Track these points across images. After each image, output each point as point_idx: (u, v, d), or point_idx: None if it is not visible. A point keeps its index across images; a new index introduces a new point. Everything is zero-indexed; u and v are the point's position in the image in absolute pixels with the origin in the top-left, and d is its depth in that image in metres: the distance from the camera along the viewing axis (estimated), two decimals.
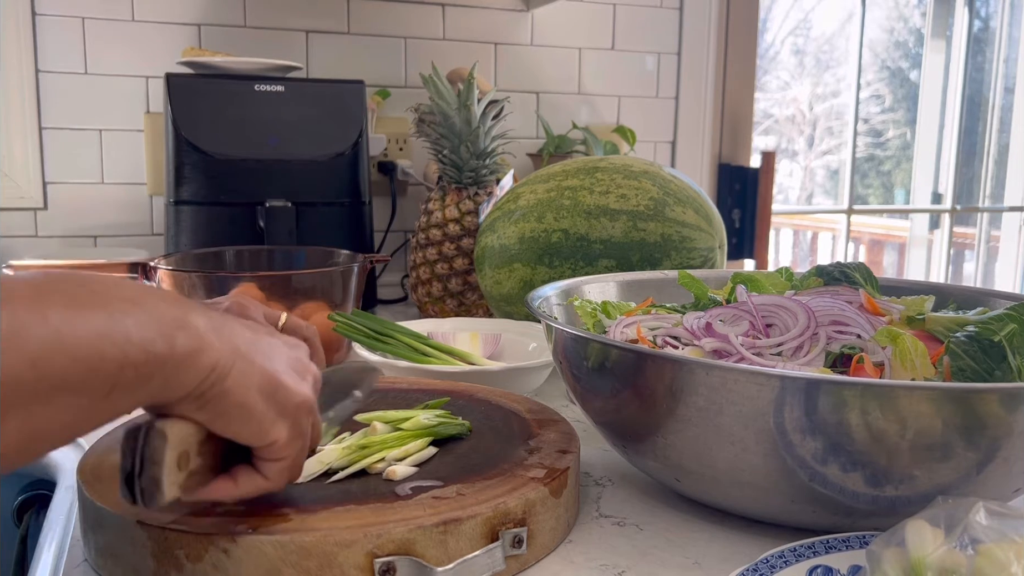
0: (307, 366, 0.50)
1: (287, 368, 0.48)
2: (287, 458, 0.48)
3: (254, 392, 0.44)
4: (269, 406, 0.45)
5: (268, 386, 0.45)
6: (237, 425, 0.45)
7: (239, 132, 1.28)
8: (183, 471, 0.44)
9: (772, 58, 3.61)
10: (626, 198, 1.02)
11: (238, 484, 0.48)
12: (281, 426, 0.46)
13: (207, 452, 0.46)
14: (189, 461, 0.45)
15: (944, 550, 0.44)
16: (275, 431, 0.46)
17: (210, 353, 0.41)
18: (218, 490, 0.48)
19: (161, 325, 0.39)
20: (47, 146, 1.44)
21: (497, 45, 1.68)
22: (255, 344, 0.46)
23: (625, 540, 0.59)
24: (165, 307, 0.40)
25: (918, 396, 0.49)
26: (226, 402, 0.43)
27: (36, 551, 0.61)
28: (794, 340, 0.63)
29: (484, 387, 0.78)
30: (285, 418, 0.46)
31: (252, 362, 0.44)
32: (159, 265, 0.96)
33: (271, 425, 0.46)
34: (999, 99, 2.58)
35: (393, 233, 1.59)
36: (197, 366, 0.41)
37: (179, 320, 0.40)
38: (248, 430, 0.45)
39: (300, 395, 0.47)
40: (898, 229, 3.26)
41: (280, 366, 0.47)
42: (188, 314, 0.41)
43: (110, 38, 1.45)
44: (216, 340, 0.42)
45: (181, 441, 0.44)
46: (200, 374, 0.41)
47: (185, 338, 0.40)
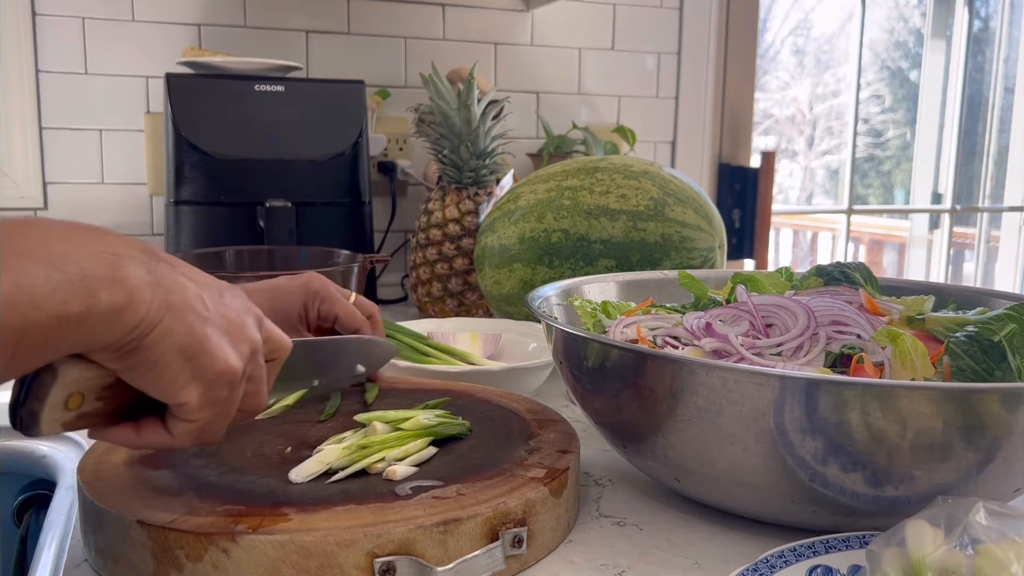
0: (247, 334, 0.47)
1: (220, 333, 0.45)
2: (196, 422, 0.46)
3: (173, 351, 0.43)
4: (185, 367, 0.44)
5: (191, 348, 0.43)
6: (148, 380, 0.43)
7: (239, 132, 1.28)
8: (71, 411, 0.44)
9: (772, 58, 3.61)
10: (626, 198, 1.02)
11: (140, 434, 0.47)
12: (193, 389, 0.45)
13: (111, 397, 0.45)
14: (83, 403, 0.44)
15: (944, 550, 0.44)
16: (185, 393, 0.44)
17: (137, 309, 0.40)
18: (118, 434, 0.47)
19: (84, 282, 0.38)
20: (47, 146, 1.44)
21: (497, 45, 1.68)
22: (193, 301, 0.44)
23: (625, 540, 0.59)
24: (94, 263, 0.39)
25: (918, 396, 0.49)
26: (141, 356, 0.42)
27: (36, 551, 0.61)
28: (794, 340, 0.63)
29: (484, 387, 0.78)
30: (199, 382, 0.45)
31: (181, 319, 0.43)
32: None
33: (183, 386, 0.44)
34: (999, 99, 2.58)
35: (393, 233, 1.59)
36: (119, 323, 0.40)
37: (108, 276, 0.39)
38: (158, 387, 0.44)
39: (223, 363, 0.45)
40: (898, 229, 3.26)
41: (212, 330, 0.45)
42: (122, 266, 0.40)
43: (110, 38, 1.45)
44: (148, 294, 0.41)
45: (74, 382, 0.43)
46: (121, 330, 0.40)
47: (109, 295, 0.39)
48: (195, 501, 0.52)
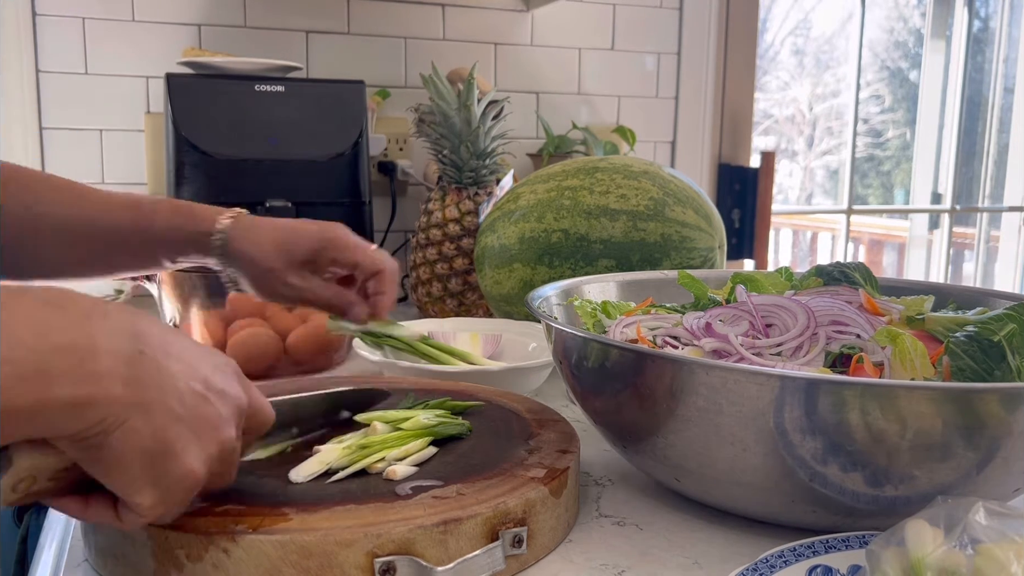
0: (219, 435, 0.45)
1: (190, 432, 0.43)
2: (145, 517, 0.44)
3: (135, 452, 0.40)
4: (145, 471, 0.41)
5: (154, 451, 0.41)
6: (103, 475, 0.41)
7: (239, 132, 1.28)
8: (18, 493, 0.42)
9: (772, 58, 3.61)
10: (626, 198, 1.02)
11: (88, 509, 0.44)
12: (149, 493, 0.42)
13: (64, 478, 0.43)
14: (34, 484, 0.42)
15: (944, 550, 0.44)
16: (140, 495, 0.42)
17: (100, 408, 0.38)
18: (64, 504, 0.45)
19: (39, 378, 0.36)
20: (47, 146, 1.44)
21: (497, 45, 1.68)
22: (167, 396, 0.42)
23: (625, 540, 0.59)
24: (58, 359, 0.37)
25: (918, 396, 0.49)
26: (103, 452, 0.40)
27: (36, 551, 0.61)
28: (794, 340, 0.63)
29: (484, 387, 0.78)
30: (158, 488, 0.42)
31: (150, 420, 0.40)
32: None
33: (139, 489, 0.42)
34: (999, 99, 2.58)
35: (393, 233, 1.59)
36: (80, 417, 0.38)
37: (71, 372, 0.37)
38: (114, 485, 0.42)
39: (184, 468, 0.43)
40: (898, 229, 3.26)
41: (183, 430, 0.43)
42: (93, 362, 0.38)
43: (110, 38, 1.45)
44: (119, 391, 0.39)
45: (28, 469, 0.41)
46: (82, 424, 0.38)
47: (72, 387, 0.37)
48: (195, 501, 0.52)
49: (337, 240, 0.76)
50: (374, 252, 0.77)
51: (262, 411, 0.51)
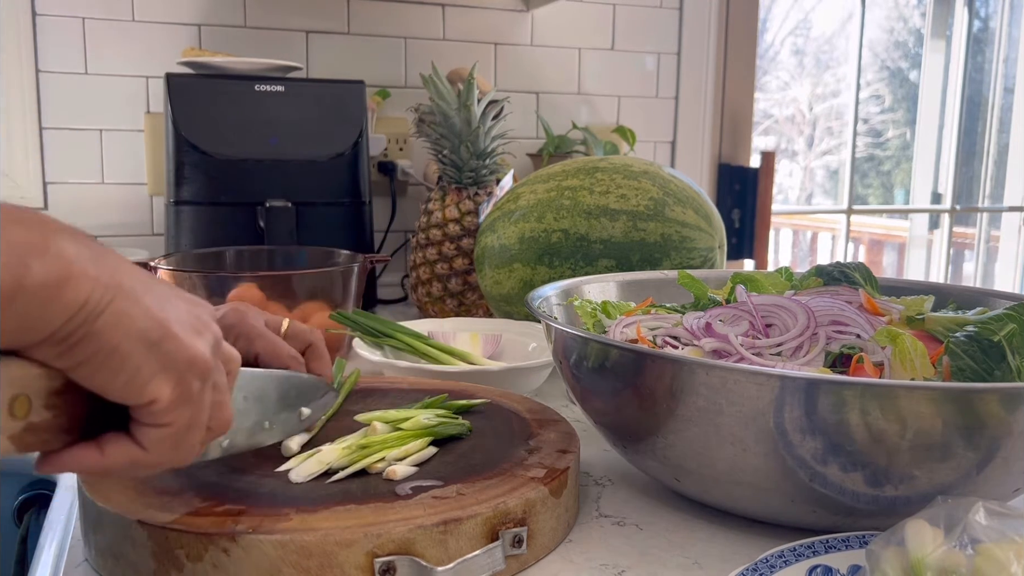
0: (207, 324, 0.41)
1: (181, 319, 0.39)
2: (170, 425, 0.39)
3: (133, 337, 0.36)
4: (150, 356, 0.37)
5: (153, 332, 0.37)
6: (106, 375, 0.36)
7: (239, 132, 1.28)
8: (18, 420, 0.37)
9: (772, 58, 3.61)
10: (626, 198, 1.02)
11: (104, 453, 0.39)
12: (163, 382, 0.37)
13: (61, 406, 0.38)
14: (30, 410, 0.37)
15: (944, 550, 0.44)
16: (154, 387, 0.37)
17: (81, 284, 0.34)
18: (78, 457, 0.39)
19: (8, 254, 0.32)
20: (47, 146, 1.44)
21: (497, 45, 1.68)
22: (145, 284, 0.38)
23: (625, 540, 0.59)
24: (20, 231, 0.33)
25: (918, 396, 0.49)
26: (94, 345, 0.35)
27: (36, 551, 0.61)
28: (794, 340, 0.63)
29: (484, 387, 0.79)
30: (169, 373, 0.38)
31: (136, 301, 0.36)
32: (159, 265, 0.96)
33: (150, 379, 0.37)
34: (999, 99, 2.58)
35: (393, 233, 1.59)
36: (61, 300, 0.34)
37: (37, 246, 0.33)
38: (119, 382, 0.36)
39: (193, 349, 0.39)
40: (898, 229, 3.26)
41: (172, 315, 0.38)
42: (53, 238, 0.34)
43: (110, 38, 1.45)
44: (91, 268, 0.35)
45: (15, 382, 0.36)
46: (66, 310, 0.34)
47: (43, 267, 0.33)
48: (195, 501, 0.52)
49: (234, 327, 0.63)
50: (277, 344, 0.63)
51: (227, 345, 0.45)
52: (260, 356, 0.63)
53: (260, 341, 0.62)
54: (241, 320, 0.63)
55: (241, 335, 0.62)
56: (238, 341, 0.62)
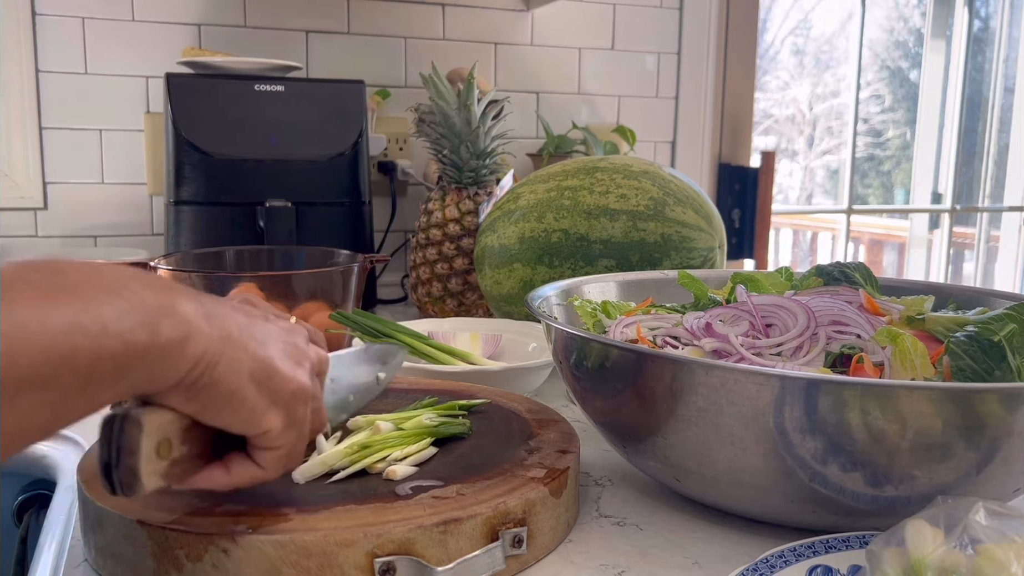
0: (303, 352, 0.48)
1: (282, 354, 0.46)
2: (282, 447, 0.46)
3: (245, 380, 0.42)
4: (261, 394, 0.44)
5: (261, 373, 0.43)
6: (228, 415, 0.43)
7: (239, 132, 1.28)
8: (164, 459, 0.43)
9: (772, 58, 3.61)
10: (626, 198, 1.02)
11: (231, 473, 0.46)
12: (274, 414, 0.45)
13: (193, 439, 0.44)
14: (171, 449, 0.43)
15: (944, 550, 0.44)
16: (268, 420, 0.44)
17: (198, 341, 0.40)
18: (210, 478, 0.46)
19: (144, 313, 0.37)
20: (47, 146, 1.44)
21: (497, 45, 1.68)
22: (248, 329, 0.44)
23: (625, 540, 0.59)
24: (150, 294, 0.38)
25: (918, 396, 0.49)
26: (215, 392, 0.41)
27: (36, 551, 0.61)
28: (794, 340, 0.63)
29: (484, 387, 0.78)
30: (279, 406, 0.45)
31: (244, 348, 0.42)
32: (159, 265, 0.96)
33: (263, 414, 0.44)
34: (999, 99, 2.58)
35: (393, 233, 1.59)
36: (184, 355, 0.39)
37: (165, 307, 0.38)
38: (240, 420, 0.44)
39: (295, 382, 0.46)
40: (898, 229, 3.26)
41: (274, 352, 0.45)
42: (175, 300, 0.39)
43: (110, 38, 1.45)
44: (206, 326, 0.40)
45: (159, 429, 0.42)
46: (188, 363, 0.40)
47: (171, 326, 0.38)
48: (195, 501, 0.52)
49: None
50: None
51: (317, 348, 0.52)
52: None
53: None
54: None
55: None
56: None
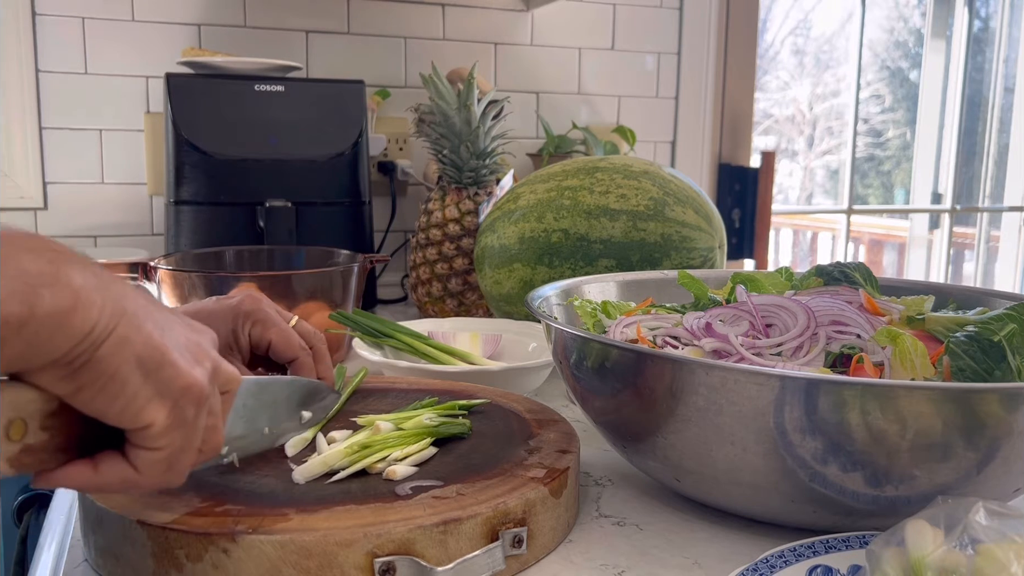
0: (206, 352, 0.43)
1: (180, 347, 0.41)
2: (163, 449, 0.41)
3: (131, 363, 0.38)
4: (148, 383, 0.39)
5: (151, 360, 0.38)
6: (104, 400, 0.38)
7: (239, 132, 1.28)
8: (14, 442, 0.38)
9: (772, 58, 3.61)
10: (626, 198, 1.02)
11: (98, 471, 0.41)
12: (158, 407, 0.39)
13: (58, 428, 0.39)
14: (25, 433, 0.38)
15: (944, 550, 0.44)
16: (150, 412, 0.39)
17: (87, 312, 0.36)
18: (72, 475, 0.41)
19: (20, 282, 0.34)
20: (47, 146, 1.44)
21: (497, 45, 1.68)
22: (147, 310, 0.39)
23: (625, 540, 0.59)
24: (31, 260, 0.35)
25: (918, 396, 0.49)
26: (95, 370, 0.37)
27: (36, 551, 0.61)
28: (794, 340, 0.63)
29: (484, 387, 0.78)
30: (165, 400, 0.39)
31: (138, 328, 0.38)
32: (159, 265, 0.96)
33: (145, 405, 0.39)
34: (999, 99, 2.58)
35: (393, 233, 1.59)
36: (67, 328, 0.35)
37: (47, 275, 0.35)
38: (116, 407, 0.38)
39: (190, 377, 0.40)
40: (898, 229, 3.26)
41: (172, 342, 0.40)
42: (63, 268, 0.35)
43: (110, 38, 1.45)
44: (98, 298, 0.36)
45: (11, 406, 0.37)
46: (73, 337, 0.36)
47: (52, 296, 0.35)
48: (195, 501, 0.52)
49: (251, 314, 0.66)
50: (290, 334, 0.67)
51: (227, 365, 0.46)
52: (272, 344, 0.66)
53: (275, 329, 0.66)
54: (257, 307, 0.66)
55: (257, 322, 0.66)
56: (254, 327, 0.66)
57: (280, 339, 0.66)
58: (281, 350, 0.66)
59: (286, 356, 0.67)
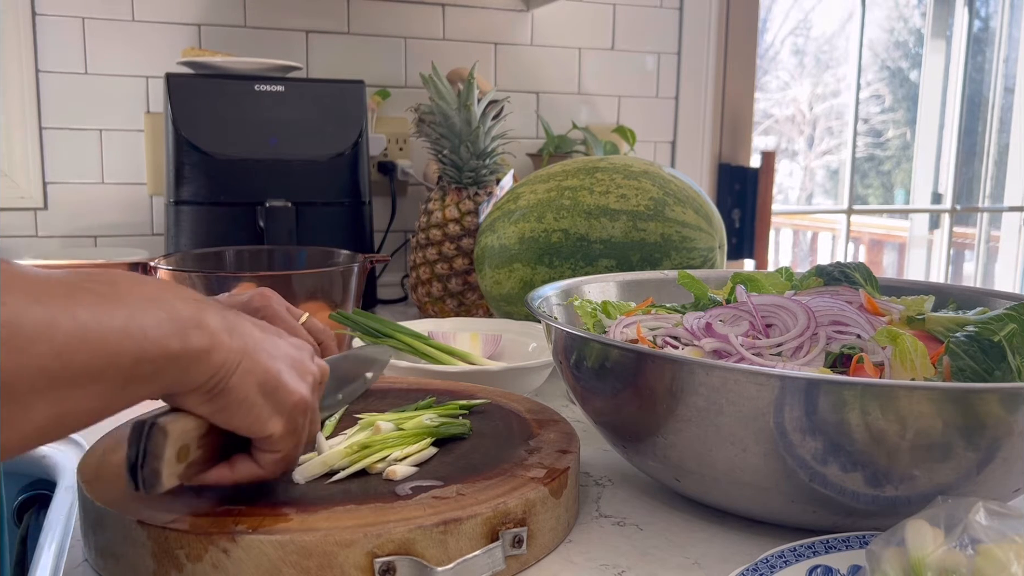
0: (307, 367, 0.53)
1: (288, 368, 0.51)
2: (281, 451, 0.51)
3: (255, 389, 0.47)
4: (267, 403, 0.49)
5: (268, 384, 0.48)
6: (238, 419, 0.48)
7: (239, 132, 1.28)
8: (182, 463, 0.48)
9: (772, 58, 3.61)
10: (626, 198, 1.02)
11: (234, 471, 0.52)
12: (277, 421, 0.50)
13: (207, 445, 0.49)
14: (189, 453, 0.48)
15: (944, 550, 0.44)
16: (271, 426, 0.49)
17: (220, 351, 0.45)
18: (215, 475, 0.51)
19: (177, 324, 0.42)
20: (47, 146, 1.44)
21: (497, 45, 1.68)
22: (262, 343, 0.49)
23: (625, 540, 0.59)
24: (183, 306, 0.44)
25: (918, 396, 0.49)
26: (229, 397, 0.46)
27: (36, 551, 0.61)
28: (794, 340, 0.63)
29: (484, 387, 0.78)
30: (281, 415, 0.50)
31: (257, 360, 0.48)
32: (159, 265, 0.96)
33: (268, 420, 0.49)
34: (999, 99, 2.58)
35: (393, 233, 1.59)
36: (208, 363, 0.44)
37: (195, 319, 0.44)
38: (247, 423, 0.48)
39: (297, 394, 0.50)
40: (898, 229, 3.26)
41: (282, 366, 0.50)
42: (203, 313, 0.44)
43: (110, 38, 1.45)
44: (227, 339, 0.45)
45: (181, 436, 0.47)
46: (210, 370, 0.45)
47: (199, 337, 0.43)
48: (195, 501, 0.52)
49: (260, 311, 0.69)
50: (299, 331, 0.70)
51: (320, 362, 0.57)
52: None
53: (283, 326, 0.69)
54: (267, 304, 0.70)
55: (267, 318, 0.69)
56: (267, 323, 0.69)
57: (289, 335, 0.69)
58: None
59: None
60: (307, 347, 0.55)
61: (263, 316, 0.69)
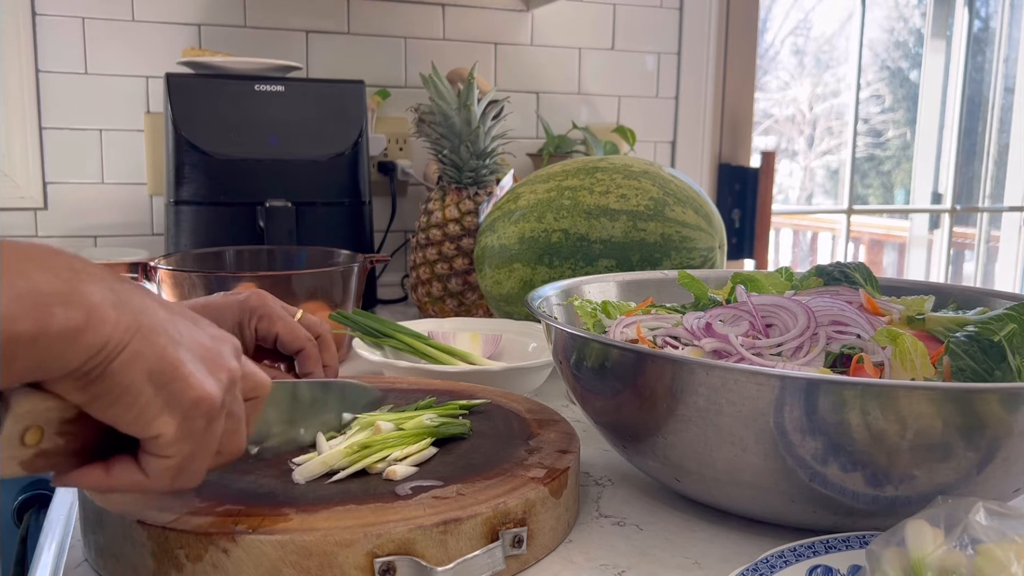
0: (223, 363, 0.44)
1: (194, 358, 0.42)
2: (172, 458, 0.42)
3: (142, 376, 0.39)
4: (158, 395, 0.40)
5: (163, 373, 0.40)
6: (117, 410, 0.40)
7: (239, 132, 1.28)
8: (29, 448, 0.40)
9: (772, 58, 3.61)
10: (626, 198, 1.02)
11: (110, 474, 0.43)
12: (168, 420, 0.41)
13: (75, 433, 0.41)
14: (42, 438, 0.40)
15: (944, 550, 0.44)
16: (159, 424, 0.41)
17: (100, 330, 0.37)
18: (84, 476, 0.43)
19: (34, 300, 0.35)
20: (47, 146, 1.44)
21: (497, 45, 1.68)
22: (163, 324, 0.41)
23: (625, 540, 0.59)
24: (47, 279, 0.36)
25: (918, 396, 0.49)
26: (108, 383, 0.38)
27: (36, 551, 0.61)
28: (794, 340, 0.63)
29: (484, 387, 0.78)
30: (175, 413, 0.41)
31: (151, 343, 0.39)
32: (159, 265, 0.96)
33: (156, 417, 0.40)
34: (999, 99, 2.58)
35: (393, 233, 1.59)
36: (79, 344, 0.37)
37: (60, 293, 0.36)
38: (127, 418, 0.40)
39: (199, 390, 0.41)
40: (898, 229, 3.26)
41: (185, 354, 0.41)
42: (78, 286, 0.37)
43: (110, 38, 1.45)
44: (112, 313, 0.38)
45: (29, 414, 0.39)
46: (85, 352, 0.37)
47: (65, 314, 0.36)
48: (195, 501, 0.52)
49: (256, 309, 0.69)
50: (295, 326, 0.69)
51: (254, 370, 0.48)
52: (279, 336, 0.69)
53: (280, 323, 0.68)
54: (263, 303, 0.69)
55: (264, 316, 0.68)
56: (260, 322, 0.68)
57: (286, 331, 0.69)
58: (288, 342, 0.69)
59: (293, 347, 0.69)
60: (231, 341, 0.47)
61: (259, 314, 0.68)
